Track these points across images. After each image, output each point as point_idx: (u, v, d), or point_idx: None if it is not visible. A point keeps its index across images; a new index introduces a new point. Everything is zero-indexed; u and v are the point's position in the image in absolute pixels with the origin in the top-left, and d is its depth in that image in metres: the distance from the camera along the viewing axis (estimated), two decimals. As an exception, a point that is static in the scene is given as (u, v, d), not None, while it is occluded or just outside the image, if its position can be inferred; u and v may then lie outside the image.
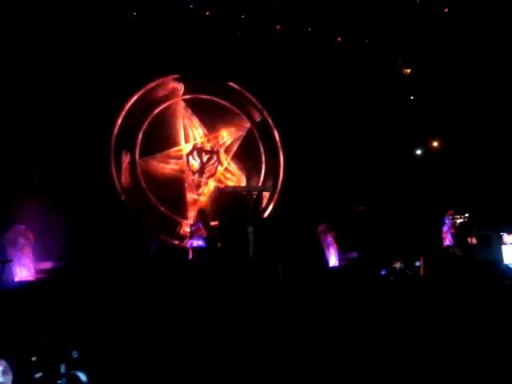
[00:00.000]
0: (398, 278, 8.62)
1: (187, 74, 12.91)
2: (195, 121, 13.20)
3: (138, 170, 12.37)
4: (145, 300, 7.60)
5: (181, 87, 12.99)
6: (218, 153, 13.44)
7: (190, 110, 13.12)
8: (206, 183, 13.23)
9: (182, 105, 13.06)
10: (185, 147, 13.06)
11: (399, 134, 13.57)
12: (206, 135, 13.31)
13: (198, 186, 13.13)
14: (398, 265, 8.51)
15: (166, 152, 12.81)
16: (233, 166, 13.59)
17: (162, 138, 12.75)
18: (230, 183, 13.32)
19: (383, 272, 8.65)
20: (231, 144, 13.58)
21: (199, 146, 13.24)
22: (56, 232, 9.73)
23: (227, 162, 13.53)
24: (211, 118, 13.29)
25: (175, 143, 12.97)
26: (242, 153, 13.57)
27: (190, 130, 13.17)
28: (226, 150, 13.52)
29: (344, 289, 9.48)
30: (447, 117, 13.36)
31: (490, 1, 11.73)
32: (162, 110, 12.76)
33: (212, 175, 13.31)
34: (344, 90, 13.48)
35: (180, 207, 12.75)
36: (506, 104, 12.92)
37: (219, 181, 13.37)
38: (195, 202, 12.99)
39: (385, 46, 13.30)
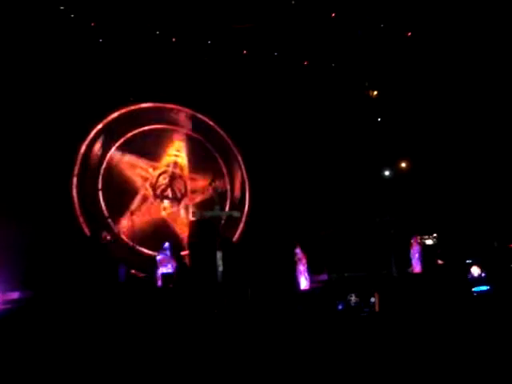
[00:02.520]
0: (354, 313, 8.59)
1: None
2: (137, 160, 13.07)
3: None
4: (113, 332, 7.51)
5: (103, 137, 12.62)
6: (179, 175, 13.63)
7: (126, 154, 12.90)
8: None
9: (117, 153, 12.82)
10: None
11: (367, 155, 13.67)
12: (154, 166, 13.32)
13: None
14: (353, 299, 8.47)
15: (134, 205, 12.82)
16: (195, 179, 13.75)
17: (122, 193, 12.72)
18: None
19: (340, 306, 8.58)
20: (181, 158, 13.65)
21: (156, 179, 13.32)
22: (22, 262, 9.70)
23: (188, 176, 13.71)
24: (150, 147, 13.20)
25: (135, 192, 12.96)
26: (199, 164, 13.67)
27: (139, 172, 13.11)
28: (181, 167, 13.64)
29: (312, 313, 9.45)
30: (415, 138, 13.51)
31: (451, 24, 11.95)
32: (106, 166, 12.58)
33: (183, 195, 13.50)
34: (312, 113, 13.57)
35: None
36: (473, 124, 13.11)
37: (191, 198, 13.52)
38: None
39: (351, 69, 13.44)
